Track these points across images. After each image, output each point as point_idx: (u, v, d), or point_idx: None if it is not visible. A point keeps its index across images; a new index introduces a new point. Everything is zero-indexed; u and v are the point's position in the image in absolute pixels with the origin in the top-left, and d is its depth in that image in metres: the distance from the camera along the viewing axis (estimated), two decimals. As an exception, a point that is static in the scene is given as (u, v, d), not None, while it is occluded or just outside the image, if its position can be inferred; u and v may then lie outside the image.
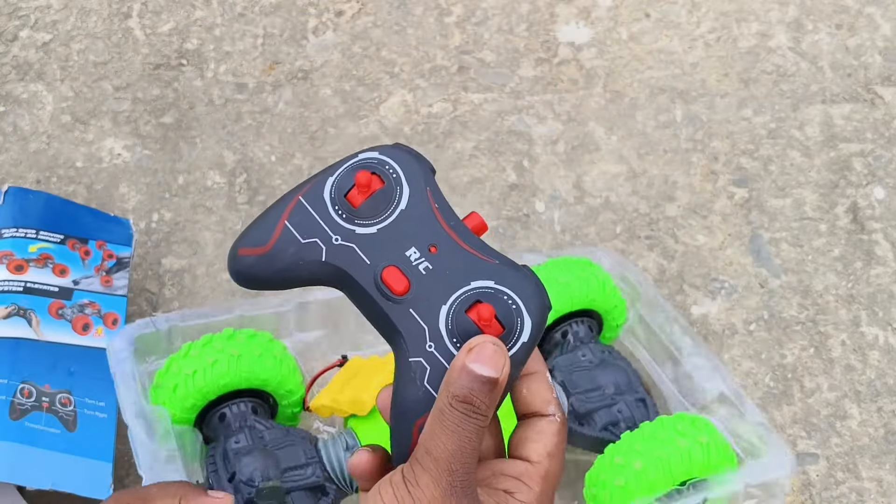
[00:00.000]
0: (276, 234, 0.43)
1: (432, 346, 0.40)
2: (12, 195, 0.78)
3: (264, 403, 0.68)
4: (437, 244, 0.42)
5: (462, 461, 0.38)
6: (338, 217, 0.42)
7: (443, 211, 0.43)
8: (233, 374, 0.65)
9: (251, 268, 0.43)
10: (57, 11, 1.04)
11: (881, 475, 0.75)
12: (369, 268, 0.42)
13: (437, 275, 0.41)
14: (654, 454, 0.61)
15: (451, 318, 0.41)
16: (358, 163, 0.43)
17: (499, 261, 0.42)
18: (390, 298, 0.41)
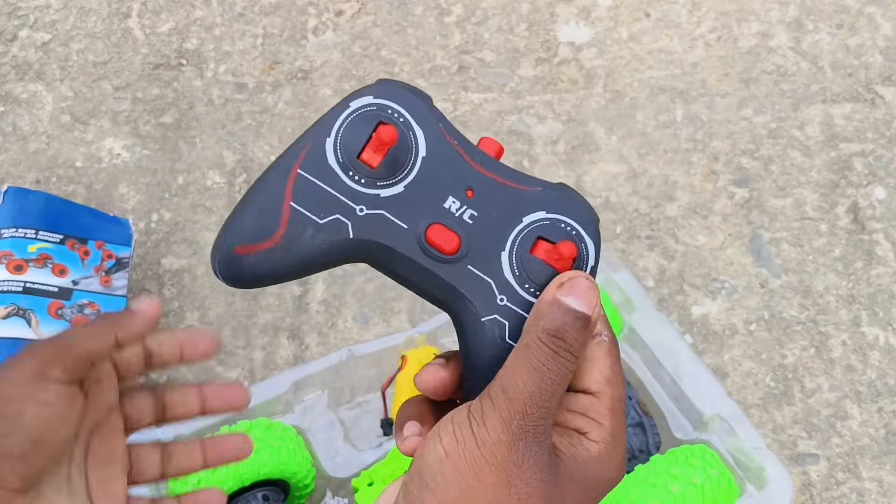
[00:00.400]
0: (284, 218, 0.36)
1: (504, 299, 0.36)
2: (12, 195, 0.78)
3: (277, 490, 0.68)
4: (472, 186, 0.37)
5: (540, 404, 0.34)
6: (355, 184, 0.36)
7: (463, 146, 0.38)
8: (253, 469, 0.64)
9: (259, 267, 0.36)
10: (56, 11, 1.04)
11: (882, 475, 0.75)
12: (409, 232, 0.36)
13: (485, 220, 0.37)
14: (649, 502, 0.62)
15: (516, 262, 0.36)
16: (357, 113, 0.37)
17: (539, 186, 0.38)
18: (443, 260, 0.36)
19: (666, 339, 0.72)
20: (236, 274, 0.37)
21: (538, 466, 0.34)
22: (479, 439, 0.34)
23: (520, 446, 0.34)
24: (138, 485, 0.45)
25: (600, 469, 0.36)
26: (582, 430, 0.36)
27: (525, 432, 0.34)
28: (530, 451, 0.34)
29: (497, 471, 0.34)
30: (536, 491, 0.34)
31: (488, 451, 0.34)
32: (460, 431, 0.34)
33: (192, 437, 0.47)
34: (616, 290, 0.75)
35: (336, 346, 0.81)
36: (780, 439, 0.77)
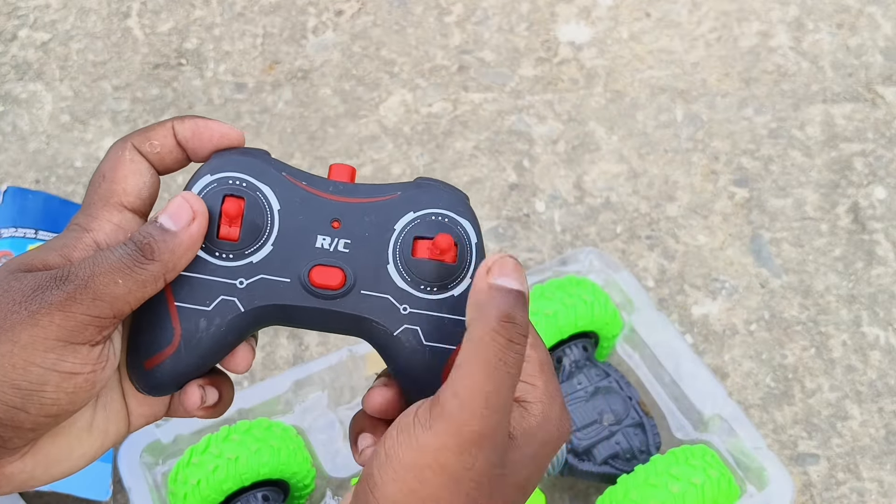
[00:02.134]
0: (176, 322, 0.37)
1: (407, 307, 0.37)
2: (11, 195, 0.78)
3: (277, 490, 0.68)
4: (336, 217, 0.38)
5: (498, 403, 0.32)
6: (225, 261, 0.37)
7: (313, 184, 0.38)
8: (253, 469, 0.64)
9: (169, 373, 0.37)
10: (56, 11, 1.04)
11: (882, 476, 0.75)
12: (293, 283, 0.37)
13: (360, 244, 0.37)
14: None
15: (404, 270, 0.37)
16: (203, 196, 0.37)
17: (399, 191, 0.38)
18: (336, 296, 0.37)
19: (666, 339, 0.72)
20: (155, 385, 0.38)
21: (489, 464, 0.33)
22: (421, 442, 0.33)
23: (472, 451, 0.32)
24: None
25: (543, 431, 0.35)
26: (517, 395, 0.35)
27: (481, 437, 0.32)
28: (483, 455, 0.33)
29: (441, 474, 0.32)
30: (484, 484, 0.33)
31: (430, 455, 0.32)
32: (402, 435, 0.33)
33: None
34: (616, 290, 0.75)
35: (336, 346, 0.81)
36: (781, 439, 0.77)
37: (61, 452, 0.36)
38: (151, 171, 0.38)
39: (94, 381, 0.35)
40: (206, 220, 0.36)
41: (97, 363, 0.35)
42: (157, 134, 0.38)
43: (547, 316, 0.69)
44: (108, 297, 0.34)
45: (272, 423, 0.67)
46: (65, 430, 0.36)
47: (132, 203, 0.38)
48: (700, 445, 0.67)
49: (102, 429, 0.38)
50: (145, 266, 0.35)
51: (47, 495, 0.72)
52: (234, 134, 0.39)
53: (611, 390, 0.70)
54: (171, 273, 0.36)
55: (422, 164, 0.91)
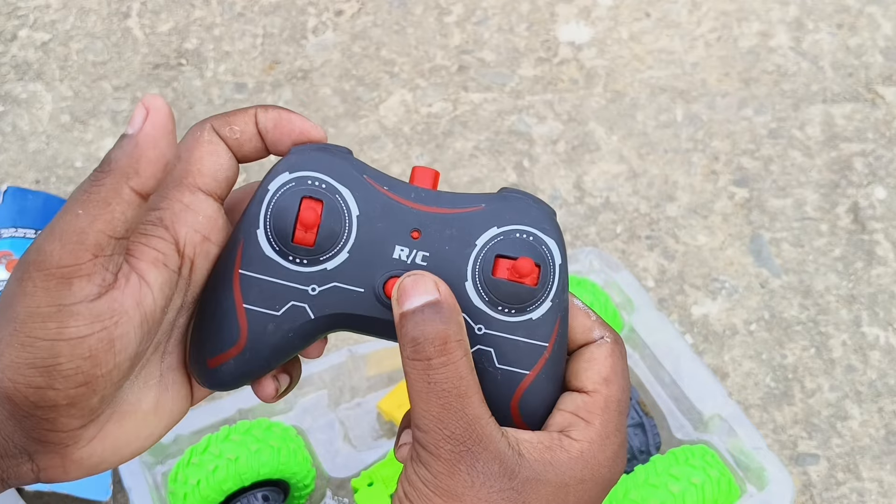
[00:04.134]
0: (243, 322, 0.35)
1: (482, 328, 0.36)
2: (11, 195, 0.78)
3: (277, 490, 0.68)
4: (416, 227, 0.36)
5: (457, 421, 0.33)
6: (298, 266, 0.35)
7: (395, 190, 0.36)
8: (253, 469, 0.64)
9: (233, 373, 0.36)
10: (56, 11, 1.04)
11: (882, 476, 0.75)
12: (366, 294, 0.36)
13: (439, 257, 0.36)
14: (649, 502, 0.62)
15: (482, 289, 0.36)
16: (279, 196, 0.36)
17: (483, 203, 0.37)
18: None
19: (666, 339, 0.72)
20: (217, 383, 0.37)
21: (492, 478, 0.33)
22: (424, 481, 0.33)
23: (461, 469, 0.33)
24: None
25: (582, 469, 0.34)
26: (566, 429, 0.35)
27: (461, 453, 0.33)
28: (476, 468, 0.33)
29: (450, 499, 0.33)
30: (495, 500, 0.33)
31: (434, 486, 0.33)
32: (411, 476, 0.34)
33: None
34: (616, 290, 0.75)
35: (336, 346, 0.81)
36: (781, 439, 0.77)
37: (129, 435, 0.35)
38: (230, 154, 0.37)
39: (112, 339, 0.32)
40: (165, 114, 0.33)
41: (107, 320, 0.32)
42: (239, 119, 0.37)
43: None
44: (74, 235, 0.31)
45: (272, 423, 0.67)
46: (130, 413, 0.35)
47: (207, 185, 0.36)
48: (700, 445, 0.67)
49: (168, 409, 0.37)
50: (101, 181, 0.32)
51: (47, 495, 0.72)
52: (316, 132, 0.37)
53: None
54: (138, 182, 0.32)
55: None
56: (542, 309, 0.36)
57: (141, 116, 0.32)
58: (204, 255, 0.36)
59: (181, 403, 0.37)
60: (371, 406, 0.74)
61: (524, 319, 0.36)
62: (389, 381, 0.75)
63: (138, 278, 0.33)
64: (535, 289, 0.36)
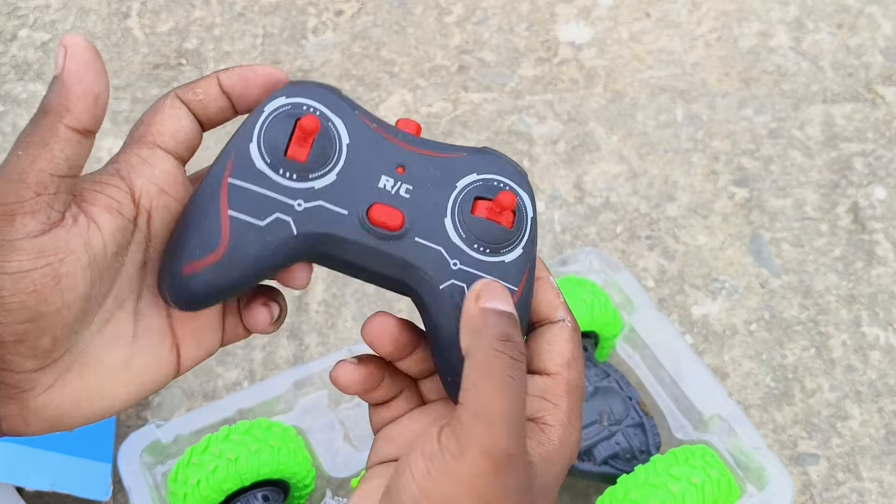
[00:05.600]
0: (225, 229, 0.35)
1: (457, 263, 0.37)
2: (11, 195, 0.78)
3: (277, 490, 0.68)
4: (401, 163, 0.37)
5: (518, 422, 0.32)
6: (288, 180, 0.36)
7: (383, 128, 0.38)
8: (253, 469, 0.64)
9: (209, 283, 0.35)
10: (56, 11, 1.04)
11: (882, 476, 0.75)
12: (351, 216, 0.36)
13: (422, 192, 0.37)
14: (649, 502, 0.62)
15: (461, 226, 0.37)
16: (274, 115, 0.37)
17: (465, 152, 0.39)
18: (389, 237, 0.36)
19: (666, 339, 0.72)
20: (188, 295, 0.36)
21: (520, 485, 0.33)
22: (457, 473, 0.32)
23: (504, 472, 0.32)
24: None
25: (562, 454, 0.35)
26: (537, 414, 0.35)
27: (510, 456, 0.32)
28: (514, 475, 0.33)
29: (478, 501, 0.32)
30: None
31: (468, 484, 0.32)
32: (434, 467, 0.32)
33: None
34: (616, 290, 0.75)
35: (336, 346, 0.81)
36: (781, 439, 0.77)
37: (91, 390, 0.35)
38: (191, 117, 0.37)
39: (57, 275, 0.32)
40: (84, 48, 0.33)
41: (51, 256, 0.32)
42: (201, 83, 0.37)
43: None
44: (16, 174, 0.31)
45: (272, 423, 0.67)
46: (93, 366, 0.35)
47: (165, 143, 0.36)
48: (700, 445, 0.67)
49: (142, 371, 0.36)
50: (38, 122, 0.32)
51: (47, 495, 0.72)
52: (280, 75, 0.38)
53: (611, 390, 0.70)
54: (72, 118, 0.32)
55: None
56: (514, 254, 0.38)
57: (62, 56, 0.33)
58: (163, 208, 0.36)
59: (161, 369, 0.37)
60: (371, 406, 0.74)
61: (497, 261, 0.37)
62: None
63: (87, 220, 0.34)
64: (511, 231, 0.38)
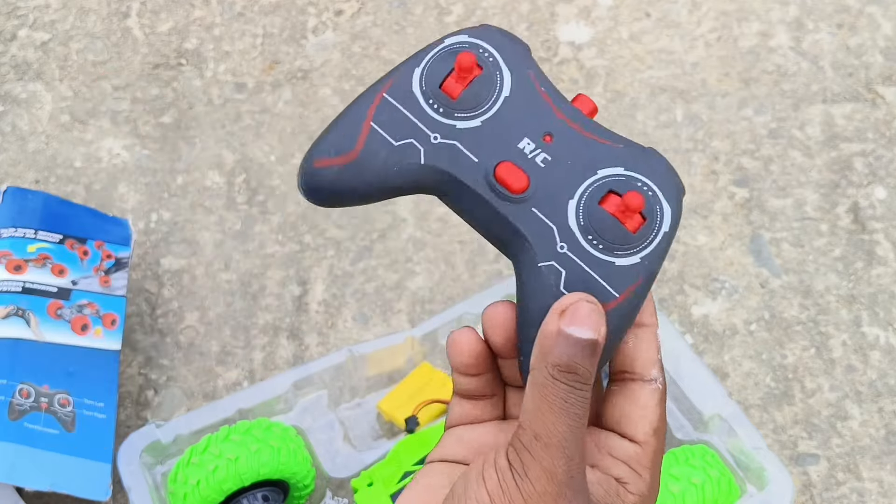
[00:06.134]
0: (362, 137, 0.36)
1: (565, 247, 0.35)
2: (11, 195, 0.78)
3: (277, 490, 0.68)
4: (551, 132, 0.36)
5: (576, 445, 0.33)
6: (434, 112, 0.36)
7: (551, 94, 0.37)
8: (253, 469, 0.64)
9: (335, 181, 0.36)
10: (56, 11, 1.04)
11: (882, 476, 0.75)
12: (478, 166, 0.36)
13: (559, 166, 0.36)
14: None
15: (583, 212, 0.35)
16: (447, 48, 0.37)
17: (623, 144, 0.37)
18: (508, 198, 0.36)
19: (666, 339, 0.72)
20: (313, 187, 0.37)
21: None
22: (525, 492, 0.33)
23: (567, 494, 0.33)
24: None
25: None
26: (622, 479, 0.36)
27: (571, 478, 0.33)
28: (577, 498, 0.33)
29: None
30: None
31: (534, 502, 0.33)
32: (504, 481, 0.33)
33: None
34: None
35: (336, 346, 0.81)
36: (781, 439, 0.77)
37: None
38: None
39: None
40: None
41: None
42: None
43: None
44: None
45: (272, 423, 0.67)
46: None
47: None
48: (700, 445, 0.67)
49: None
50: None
51: (47, 495, 0.72)
52: None
53: (611, 390, 0.70)
54: None
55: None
56: (630, 260, 0.36)
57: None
58: None
59: None
60: (371, 406, 0.74)
61: (607, 260, 0.36)
62: (389, 381, 0.75)
63: None
64: (632, 235, 0.35)
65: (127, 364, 0.80)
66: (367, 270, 0.85)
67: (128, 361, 0.80)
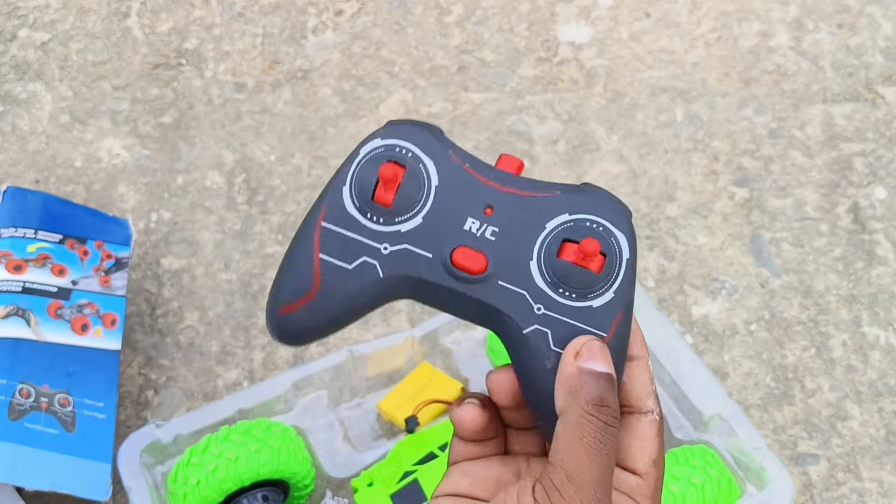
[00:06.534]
0: (316, 272, 0.37)
1: (541, 308, 0.37)
2: (11, 195, 0.78)
3: (277, 490, 0.67)
4: (490, 204, 0.37)
5: (606, 485, 0.34)
6: (374, 224, 0.37)
7: (476, 167, 0.38)
8: (253, 469, 0.64)
9: (302, 323, 0.37)
10: (56, 11, 1.04)
11: (882, 476, 0.75)
12: (434, 260, 0.37)
13: (508, 234, 0.37)
14: None
15: (546, 270, 0.37)
16: (367, 158, 0.38)
17: (560, 190, 0.38)
18: (473, 281, 0.37)
19: (666, 339, 0.72)
20: (284, 333, 0.38)
21: None
22: None
23: None
24: None
25: None
26: None
27: None
28: None
29: None
30: None
31: None
32: None
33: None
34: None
35: (336, 346, 0.81)
36: (781, 439, 0.77)
37: None
38: None
39: None
40: None
41: None
42: None
43: None
44: None
45: (272, 423, 0.67)
46: None
47: None
48: (700, 445, 0.67)
49: None
50: None
51: (47, 495, 0.72)
52: None
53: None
54: None
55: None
56: (604, 298, 0.37)
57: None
58: None
59: None
60: (371, 406, 0.74)
61: (584, 306, 0.37)
62: (389, 381, 0.75)
63: None
64: (599, 276, 0.37)
65: (127, 364, 0.80)
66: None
67: (128, 361, 0.80)
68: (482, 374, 0.72)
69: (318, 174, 0.91)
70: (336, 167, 0.90)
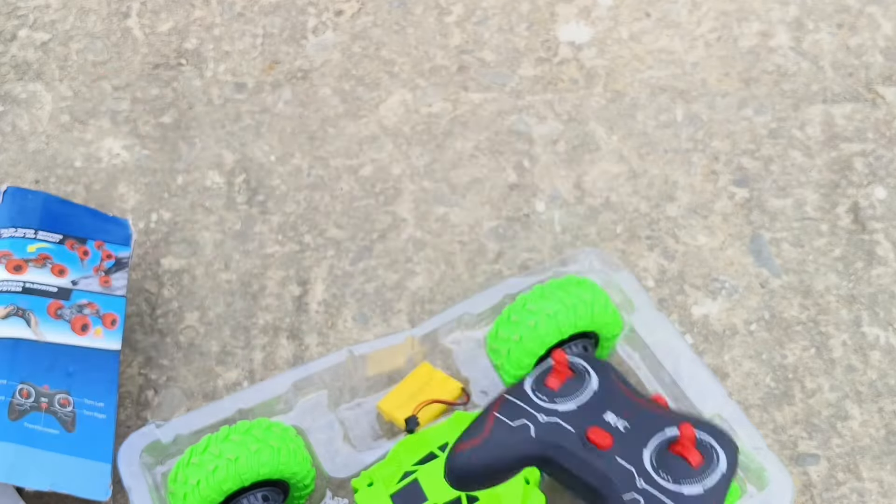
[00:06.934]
0: (489, 424, 0.51)
1: (642, 482, 0.47)
2: (10, 195, 0.78)
3: (277, 490, 0.67)
4: (629, 410, 0.50)
5: None
6: (539, 400, 0.51)
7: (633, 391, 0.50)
8: (253, 469, 0.64)
9: (469, 459, 0.50)
10: (56, 11, 1.04)
11: (882, 476, 0.75)
12: (575, 434, 0.49)
13: (635, 429, 0.49)
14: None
15: (655, 456, 0.48)
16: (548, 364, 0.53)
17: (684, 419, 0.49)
18: (596, 452, 0.48)
19: (666, 339, 0.72)
20: (455, 466, 0.52)
21: None
22: None
23: None
24: None
25: None
26: None
27: None
28: None
29: None
30: None
31: None
32: None
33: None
34: (616, 291, 0.75)
35: (336, 346, 0.81)
36: (781, 439, 0.77)
37: None
38: None
39: None
40: None
41: None
42: None
43: (547, 316, 0.69)
44: None
45: (272, 423, 0.67)
46: None
47: None
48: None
49: None
50: None
51: (47, 495, 0.72)
52: None
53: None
54: None
55: (422, 164, 0.91)
56: (694, 489, 0.47)
57: None
58: None
59: None
60: (371, 406, 0.74)
61: (675, 490, 0.47)
62: (389, 381, 0.75)
63: None
64: (695, 471, 0.48)
65: (127, 364, 0.80)
66: (367, 270, 0.85)
67: (128, 361, 0.80)
68: (482, 374, 0.71)
69: (318, 174, 0.91)
70: (336, 167, 0.90)
